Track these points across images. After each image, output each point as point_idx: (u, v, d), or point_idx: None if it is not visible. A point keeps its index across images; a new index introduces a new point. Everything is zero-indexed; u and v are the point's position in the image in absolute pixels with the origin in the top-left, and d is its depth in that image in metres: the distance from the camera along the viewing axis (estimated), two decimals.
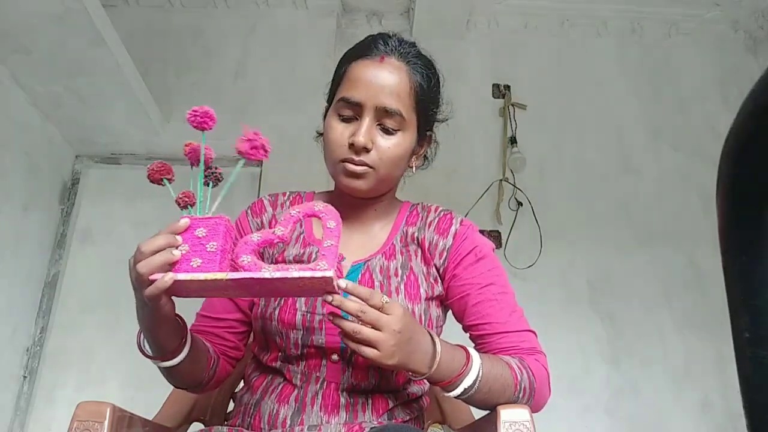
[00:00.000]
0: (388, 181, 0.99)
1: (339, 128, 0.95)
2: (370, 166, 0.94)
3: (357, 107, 0.94)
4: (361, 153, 0.93)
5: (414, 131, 0.99)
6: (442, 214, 1.05)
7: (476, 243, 1.02)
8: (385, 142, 0.95)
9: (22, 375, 2.36)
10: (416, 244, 1.02)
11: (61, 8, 1.86)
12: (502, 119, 2.80)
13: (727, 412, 2.35)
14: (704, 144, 2.70)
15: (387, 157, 0.95)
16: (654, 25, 2.99)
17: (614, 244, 2.61)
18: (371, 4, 2.93)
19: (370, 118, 0.94)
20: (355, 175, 0.94)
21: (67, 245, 2.57)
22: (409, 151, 0.99)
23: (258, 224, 1.04)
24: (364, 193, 0.98)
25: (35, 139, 2.39)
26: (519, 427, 0.80)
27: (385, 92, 0.94)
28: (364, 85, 0.94)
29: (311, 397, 0.90)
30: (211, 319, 1.01)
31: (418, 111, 0.98)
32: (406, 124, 0.96)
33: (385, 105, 0.93)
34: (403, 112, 0.95)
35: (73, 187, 2.65)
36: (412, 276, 0.98)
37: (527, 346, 0.97)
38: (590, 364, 2.43)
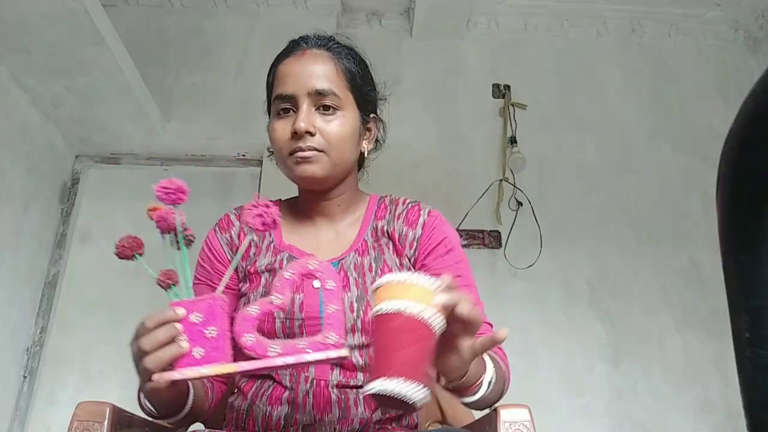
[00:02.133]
0: (342, 165, 1.00)
1: (280, 125, 0.98)
2: (318, 149, 0.96)
3: (291, 100, 0.97)
4: (305, 138, 0.95)
5: (354, 111, 1.01)
6: (410, 205, 1.05)
7: (445, 234, 1.02)
8: (327, 124, 0.97)
9: (22, 375, 2.36)
10: (387, 237, 1.03)
11: (61, 8, 1.86)
12: (502, 119, 2.79)
13: (727, 412, 2.35)
14: (704, 144, 2.70)
15: (333, 138, 0.96)
16: (654, 25, 2.99)
17: (614, 244, 2.61)
18: (371, 4, 2.93)
19: (306, 104, 0.96)
20: (306, 160, 0.96)
21: (67, 245, 2.57)
22: (354, 131, 1.00)
23: (227, 239, 1.04)
24: (321, 180, 0.99)
25: (35, 139, 2.39)
26: (519, 427, 0.80)
27: (313, 77, 0.97)
28: (292, 77, 0.98)
29: (302, 397, 0.90)
30: None
31: (352, 90, 1.01)
32: (343, 102, 0.98)
33: (316, 87, 0.96)
34: (336, 90, 0.97)
35: (73, 186, 2.65)
36: (386, 269, 0.99)
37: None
38: (590, 364, 2.43)
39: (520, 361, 2.36)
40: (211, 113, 2.64)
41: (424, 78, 2.86)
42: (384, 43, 2.92)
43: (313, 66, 0.98)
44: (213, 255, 1.04)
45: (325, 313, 0.72)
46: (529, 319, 2.44)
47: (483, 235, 2.57)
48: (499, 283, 2.46)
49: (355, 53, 1.06)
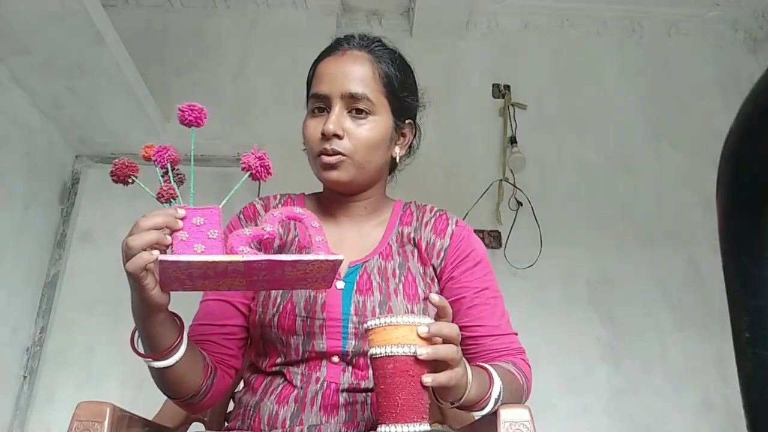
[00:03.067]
0: (369, 170, 0.99)
1: (312, 124, 0.98)
2: (344, 154, 0.95)
3: (325, 99, 0.97)
4: (332, 141, 0.94)
5: (388, 116, 1.00)
6: (437, 214, 1.06)
7: (473, 246, 1.04)
8: (357, 128, 0.96)
9: (22, 375, 2.36)
10: (413, 245, 1.02)
11: (61, 8, 1.86)
12: (502, 119, 2.79)
13: (727, 412, 2.35)
14: (704, 144, 2.69)
15: (360, 142, 0.95)
16: (654, 25, 2.99)
17: (614, 244, 2.61)
18: (371, 4, 2.93)
19: (339, 107, 0.95)
20: (330, 165, 0.96)
21: (67, 245, 2.57)
22: (385, 137, 0.99)
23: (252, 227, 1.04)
24: (344, 184, 0.98)
25: (35, 139, 2.39)
26: (519, 427, 0.80)
27: (349, 79, 0.96)
28: (329, 77, 0.98)
29: (311, 398, 0.90)
30: (210, 326, 0.97)
31: (388, 95, 0.99)
32: (377, 108, 0.97)
33: (350, 90, 0.95)
34: (369, 95, 0.96)
35: (73, 187, 2.65)
36: (410, 276, 0.98)
37: (515, 347, 1.02)
38: (590, 364, 2.43)
39: None
40: (210, 113, 2.62)
41: (424, 78, 2.84)
42: None
43: (350, 68, 0.98)
44: None
45: (313, 241, 0.78)
46: (529, 320, 2.44)
47: (483, 235, 2.57)
48: (499, 283, 2.43)
49: (398, 58, 1.05)
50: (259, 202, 1.07)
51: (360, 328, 0.91)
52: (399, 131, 1.04)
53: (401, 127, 1.05)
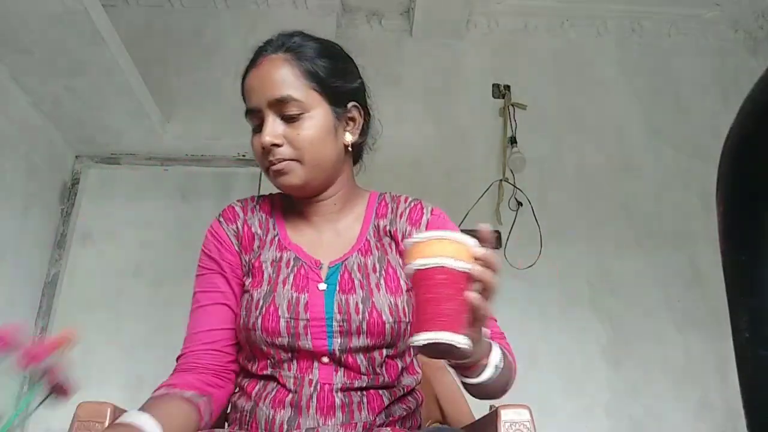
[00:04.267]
0: (322, 167, 0.98)
1: (255, 141, 0.98)
2: (289, 159, 0.95)
3: (257, 113, 0.97)
4: (273, 152, 0.95)
5: (324, 108, 0.97)
6: (412, 204, 1.05)
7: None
8: (294, 131, 0.95)
9: (23, 375, 2.36)
10: (390, 237, 1.02)
11: (61, 8, 1.86)
12: (502, 119, 2.80)
13: (727, 412, 2.35)
14: (704, 144, 2.70)
15: (302, 144, 0.95)
16: (654, 25, 2.99)
17: (614, 244, 2.61)
18: (371, 4, 2.93)
19: (270, 116, 0.95)
20: (280, 172, 0.96)
21: (67, 245, 2.57)
22: (326, 130, 0.97)
23: (234, 230, 1.03)
24: (300, 187, 0.98)
25: (35, 139, 2.39)
26: (519, 427, 0.80)
27: (271, 86, 0.96)
28: (253, 90, 0.98)
29: (306, 401, 0.89)
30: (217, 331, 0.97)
31: (316, 88, 0.97)
32: (307, 104, 0.96)
33: (274, 97, 0.95)
34: (295, 95, 0.95)
35: (73, 187, 2.65)
36: (390, 269, 0.98)
37: (496, 331, 0.98)
38: (590, 364, 2.43)
39: (520, 361, 2.35)
40: (211, 113, 2.63)
41: (424, 78, 2.86)
42: (384, 43, 2.92)
43: (269, 75, 0.97)
44: (221, 245, 1.02)
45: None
46: (529, 320, 2.44)
47: None
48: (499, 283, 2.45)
49: (320, 46, 1.01)
50: (237, 204, 1.08)
51: (345, 327, 0.90)
52: (344, 118, 1.01)
53: (344, 112, 1.01)
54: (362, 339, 0.91)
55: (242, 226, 1.04)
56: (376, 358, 0.92)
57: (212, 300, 0.98)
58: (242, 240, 1.03)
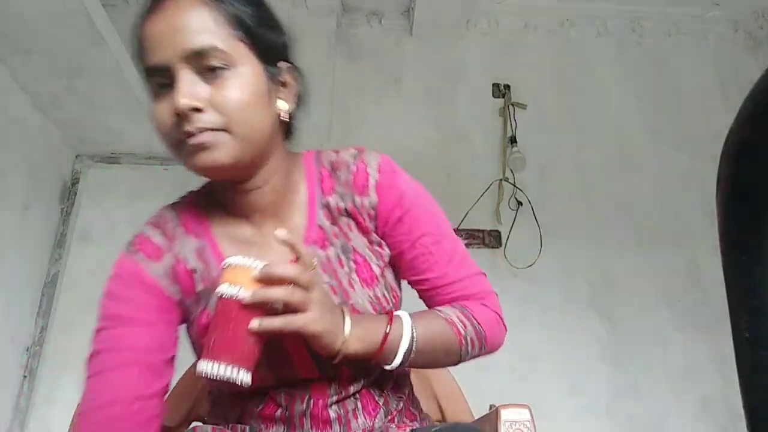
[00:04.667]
0: (255, 139, 0.76)
1: (161, 108, 0.74)
2: (214, 128, 0.73)
3: (165, 71, 0.74)
4: (192, 118, 0.72)
5: (254, 64, 0.76)
6: (354, 166, 0.85)
7: (401, 191, 0.85)
8: (219, 91, 0.73)
9: (22, 375, 2.36)
10: (346, 215, 0.85)
11: (61, 8, 1.86)
12: (502, 119, 2.79)
13: (727, 412, 2.35)
14: (704, 144, 2.69)
15: (230, 107, 0.73)
16: (654, 25, 2.99)
17: (614, 244, 2.61)
18: (371, 4, 2.93)
19: (185, 73, 0.72)
20: (205, 147, 0.73)
21: (67, 245, 2.56)
22: (259, 90, 0.76)
23: (163, 270, 0.82)
24: (228, 168, 0.76)
25: (35, 139, 2.39)
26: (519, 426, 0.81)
27: (184, 34, 0.73)
28: (158, 41, 0.74)
29: (299, 417, 0.81)
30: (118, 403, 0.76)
31: (243, 38, 0.76)
32: (234, 57, 0.74)
33: (191, 47, 0.72)
34: (219, 44, 0.73)
35: (73, 186, 2.65)
36: (359, 257, 0.85)
37: (473, 291, 0.87)
38: (590, 364, 2.43)
39: (520, 361, 2.36)
40: None
41: (424, 78, 2.86)
42: (384, 43, 2.92)
43: (182, 19, 0.73)
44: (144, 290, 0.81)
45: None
46: (529, 319, 2.44)
47: (483, 234, 2.57)
48: (499, 283, 2.45)
49: None
50: (154, 231, 0.85)
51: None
52: (276, 80, 0.80)
53: (277, 73, 0.80)
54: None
55: (173, 262, 0.82)
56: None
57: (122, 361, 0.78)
58: (179, 281, 0.82)
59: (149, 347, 0.79)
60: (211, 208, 0.86)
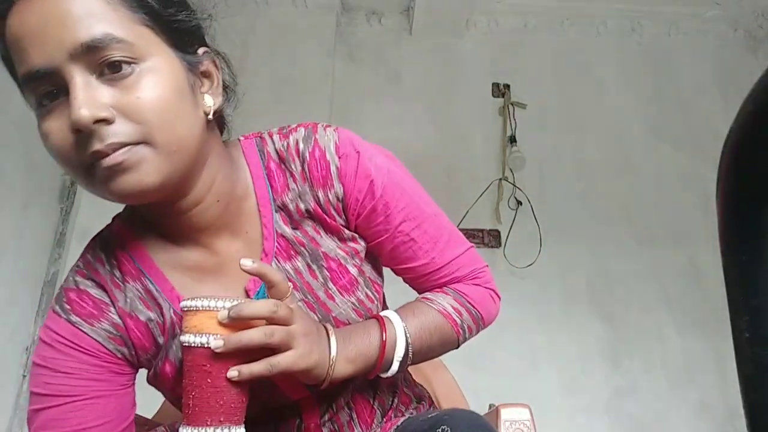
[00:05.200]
0: (185, 149, 0.61)
1: (53, 126, 0.60)
2: (130, 142, 0.57)
3: (50, 76, 0.57)
4: (99, 133, 0.56)
5: (166, 53, 0.61)
6: (307, 153, 0.71)
7: (369, 175, 0.72)
8: (127, 93, 0.57)
9: (22, 374, 2.36)
10: (309, 218, 0.73)
11: None
12: (501, 118, 2.79)
13: (727, 412, 2.35)
14: (704, 144, 2.70)
15: (146, 111, 0.57)
16: (654, 24, 3.00)
17: (614, 244, 2.61)
18: (371, 3, 2.93)
19: (79, 74, 0.56)
20: (121, 169, 0.57)
21: (67, 244, 2.56)
22: (179, 85, 0.61)
23: (107, 331, 0.69)
24: (157, 190, 0.60)
25: (35, 138, 2.37)
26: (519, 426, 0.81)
27: (70, 23, 0.56)
28: (34, 38, 0.56)
29: None
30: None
31: (149, 22, 0.60)
32: (140, 48, 0.58)
33: (80, 39, 0.55)
34: (117, 32, 0.57)
35: (72, 186, 2.65)
36: (332, 263, 0.73)
37: (464, 271, 0.82)
38: (590, 364, 2.43)
39: (520, 360, 2.36)
40: None
41: (423, 77, 2.86)
42: (384, 43, 2.92)
43: (62, 5, 0.56)
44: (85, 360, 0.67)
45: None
46: (528, 319, 2.44)
47: (482, 234, 2.57)
48: (499, 282, 2.43)
49: None
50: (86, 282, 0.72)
51: None
52: (196, 71, 0.66)
53: (196, 63, 0.66)
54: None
55: (118, 319, 0.69)
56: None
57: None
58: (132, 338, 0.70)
59: (102, 423, 0.67)
60: (146, 236, 0.72)
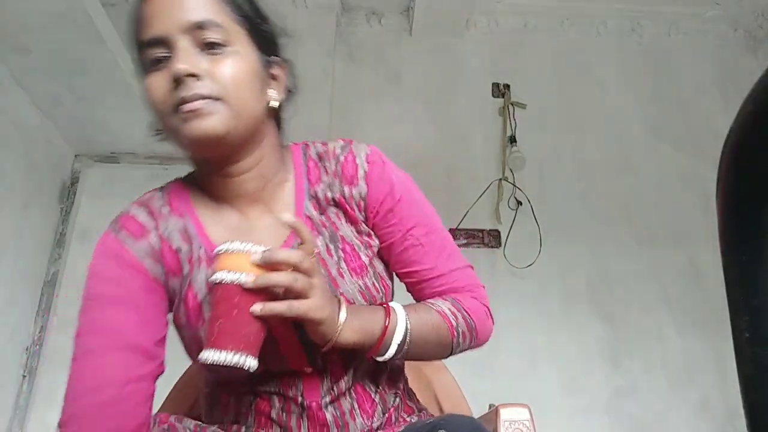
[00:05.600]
0: (246, 117, 0.77)
1: (155, 80, 0.75)
2: (210, 96, 0.73)
3: (164, 43, 0.75)
4: (188, 84, 0.73)
5: (250, 49, 0.80)
6: (342, 156, 0.86)
7: (391, 182, 0.86)
8: (216, 64, 0.75)
9: (22, 374, 2.36)
10: (335, 206, 0.85)
11: (61, 8, 1.86)
12: (501, 118, 2.79)
13: (727, 412, 2.35)
14: (704, 144, 2.70)
15: (227, 80, 0.75)
16: (654, 24, 3.00)
17: (614, 244, 2.61)
18: (371, 3, 2.93)
19: (185, 43, 0.74)
20: (199, 114, 0.73)
21: (67, 244, 2.56)
22: (253, 73, 0.79)
23: (146, 249, 0.81)
24: (221, 138, 0.75)
25: (35, 138, 2.39)
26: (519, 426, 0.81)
27: (187, 8, 0.75)
28: (159, 14, 0.76)
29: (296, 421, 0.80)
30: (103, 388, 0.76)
31: (242, 23, 0.80)
32: (232, 37, 0.77)
33: (192, 19, 0.75)
34: (219, 21, 0.76)
35: (72, 186, 2.65)
36: (347, 247, 0.84)
37: (462, 284, 0.89)
38: (590, 364, 2.43)
39: (520, 360, 2.36)
40: None
41: (423, 77, 2.86)
42: (383, 43, 2.92)
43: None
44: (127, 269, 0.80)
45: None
46: (528, 319, 2.44)
47: (482, 234, 2.57)
48: (499, 282, 2.46)
49: None
50: (139, 209, 0.86)
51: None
52: (268, 71, 0.83)
53: (270, 65, 0.84)
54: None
55: (157, 241, 0.82)
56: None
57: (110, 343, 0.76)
58: (164, 260, 0.81)
59: (137, 329, 0.77)
60: (196, 193, 0.86)
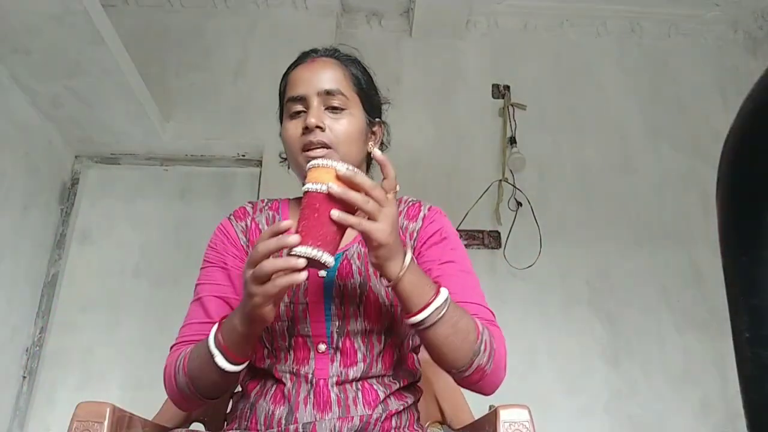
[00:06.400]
0: (351, 160, 1.00)
1: (292, 125, 1.03)
2: (327, 145, 0.99)
3: (302, 100, 1.03)
4: (315, 133, 0.99)
5: (361, 112, 1.06)
6: (411, 203, 1.10)
7: (442, 224, 1.06)
8: (336, 122, 1.01)
9: (22, 375, 2.36)
10: None
11: (61, 8, 1.86)
12: (501, 119, 2.80)
13: (727, 412, 2.35)
14: (704, 144, 2.70)
15: (340, 135, 1.00)
16: (654, 25, 3.00)
17: (614, 244, 2.61)
18: (371, 5, 2.93)
19: (317, 103, 1.02)
20: (316, 156, 0.97)
21: (67, 245, 2.57)
22: (361, 131, 1.05)
23: (243, 227, 1.08)
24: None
25: (35, 139, 2.39)
26: (518, 426, 0.81)
27: (323, 79, 1.04)
28: (303, 81, 1.05)
29: (303, 397, 0.92)
30: (204, 324, 0.98)
31: (358, 93, 1.07)
32: (351, 103, 1.04)
33: (325, 87, 1.02)
34: (343, 91, 1.03)
35: (72, 187, 2.65)
36: None
37: (486, 317, 0.96)
38: (590, 364, 2.43)
39: (520, 361, 2.36)
40: (210, 113, 2.63)
41: (423, 78, 2.86)
42: (384, 44, 2.92)
43: (322, 70, 1.05)
44: (227, 239, 1.07)
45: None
46: (528, 319, 2.44)
47: (482, 235, 2.57)
48: (499, 283, 2.46)
49: (360, 62, 1.13)
50: (248, 204, 1.13)
51: (342, 310, 0.95)
52: (371, 128, 1.09)
53: (372, 124, 1.09)
54: (360, 322, 0.95)
55: (250, 222, 1.09)
56: (375, 345, 0.96)
57: (210, 292, 1.02)
58: (250, 236, 1.07)
59: (225, 285, 1.02)
60: (292, 204, 1.12)
